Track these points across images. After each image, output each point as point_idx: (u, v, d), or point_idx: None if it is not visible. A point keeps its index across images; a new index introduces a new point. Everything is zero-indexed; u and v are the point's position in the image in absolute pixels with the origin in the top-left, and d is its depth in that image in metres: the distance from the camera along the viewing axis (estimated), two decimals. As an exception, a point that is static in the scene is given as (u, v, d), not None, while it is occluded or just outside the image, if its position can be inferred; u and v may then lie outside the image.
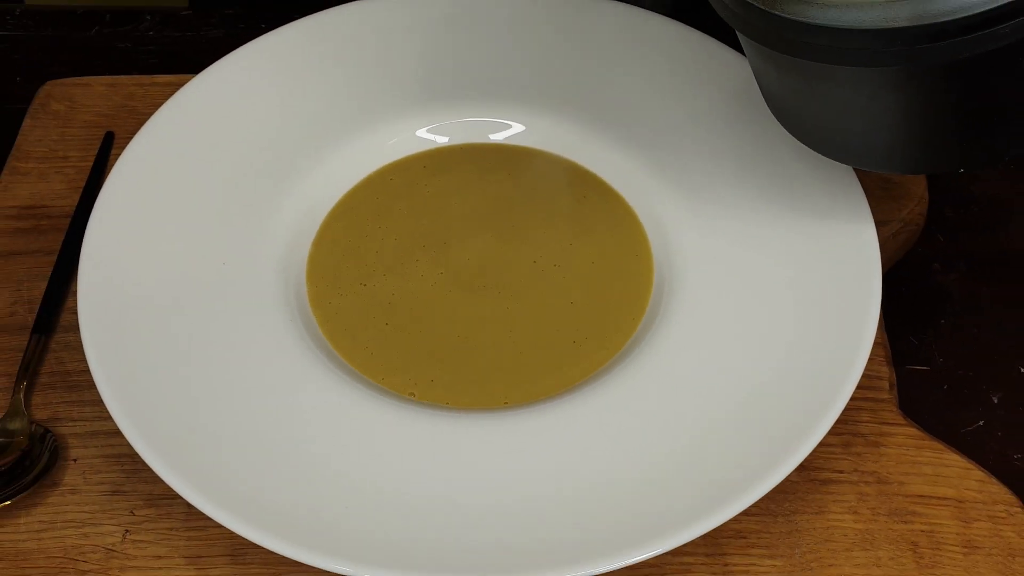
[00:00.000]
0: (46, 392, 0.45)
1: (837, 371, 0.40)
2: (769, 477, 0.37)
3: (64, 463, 0.43)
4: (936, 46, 0.33)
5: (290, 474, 0.38)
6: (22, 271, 0.49)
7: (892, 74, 0.36)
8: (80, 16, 0.62)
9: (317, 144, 0.50)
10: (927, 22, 0.33)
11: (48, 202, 0.52)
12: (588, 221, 0.49)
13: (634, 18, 0.53)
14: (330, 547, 0.36)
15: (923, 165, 0.43)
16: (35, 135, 0.54)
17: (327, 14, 0.54)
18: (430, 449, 0.40)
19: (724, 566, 0.40)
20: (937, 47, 0.33)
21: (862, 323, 0.41)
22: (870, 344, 0.40)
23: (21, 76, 0.59)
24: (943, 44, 0.33)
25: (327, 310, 0.45)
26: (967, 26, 0.33)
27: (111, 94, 0.56)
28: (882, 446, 0.43)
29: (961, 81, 0.36)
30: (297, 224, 0.48)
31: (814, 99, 0.40)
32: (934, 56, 0.34)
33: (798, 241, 0.45)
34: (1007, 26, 0.33)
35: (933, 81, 0.36)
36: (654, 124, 0.50)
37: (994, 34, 0.33)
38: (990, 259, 0.51)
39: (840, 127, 0.41)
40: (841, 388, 0.39)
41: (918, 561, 0.40)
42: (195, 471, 0.37)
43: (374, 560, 0.35)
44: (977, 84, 0.35)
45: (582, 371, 0.43)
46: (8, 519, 0.41)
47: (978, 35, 0.33)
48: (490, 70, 0.53)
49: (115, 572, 0.40)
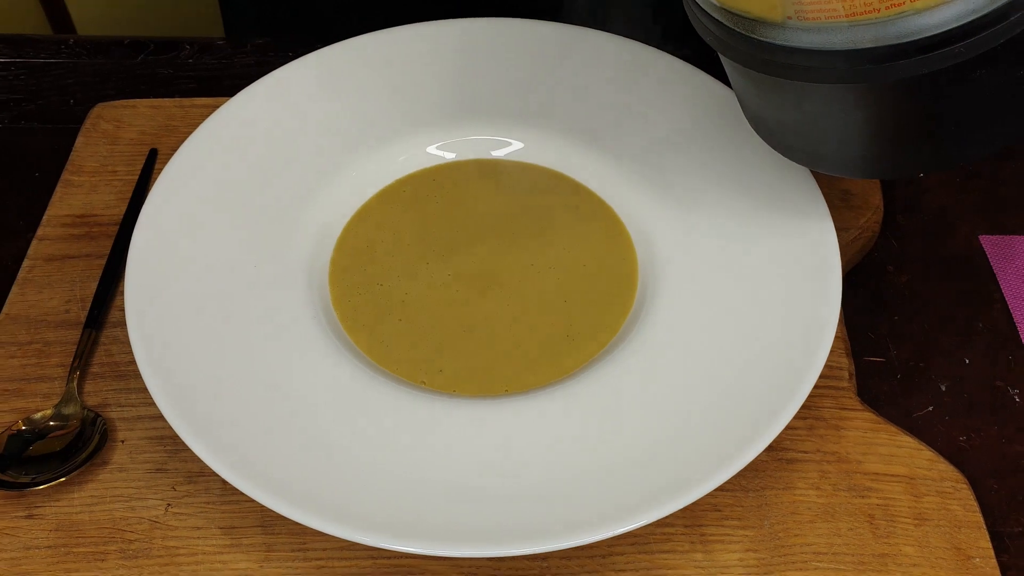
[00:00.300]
0: (96, 381, 0.45)
1: (802, 362, 0.40)
2: (741, 457, 0.37)
3: (113, 444, 0.43)
4: (897, 64, 0.33)
5: (314, 454, 0.38)
6: (75, 273, 0.49)
7: (859, 90, 0.36)
8: (127, 46, 0.62)
9: (338, 160, 0.50)
10: (889, 43, 0.33)
11: (98, 211, 0.52)
12: (580, 228, 0.49)
13: (622, 48, 0.53)
14: (349, 518, 0.36)
15: (887, 170, 0.43)
16: (87, 152, 0.55)
17: (346, 44, 0.54)
18: (439, 431, 0.40)
19: (701, 536, 0.40)
20: (898, 65, 0.34)
21: (824, 319, 0.41)
22: (831, 338, 0.40)
23: (74, 99, 0.59)
24: (903, 62, 0.33)
25: (347, 308, 0.45)
26: (925, 46, 0.33)
27: (154, 115, 0.56)
28: (842, 429, 0.43)
29: (920, 95, 0.36)
30: (320, 231, 0.48)
31: (789, 113, 0.40)
32: (895, 73, 0.34)
33: (768, 247, 0.45)
34: (960, 45, 0.33)
35: (895, 95, 0.36)
36: (639, 143, 0.50)
37: (949, 53, 0.33)
38: (937, 262, 0.51)
39: (812, 138, 0.41)
40: (805, 377, 0.39)
41: (874, 532, 0.40)
42: (229, 451, 0.37)
43: (388, 530, 0.35)
44: (934, 97, 0.36)
45: (574, 362, 0.43)
46: (63, 494, 0.41)
47: (934, 54, 0.33)
48: (492, 94, 0.53)
49: (158, 541, 0.40)
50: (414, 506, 0.37)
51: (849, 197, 0.51)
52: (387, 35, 0.54)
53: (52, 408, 0.43)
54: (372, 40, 0.54)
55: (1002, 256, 0.51)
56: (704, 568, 0.39)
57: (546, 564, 0.39)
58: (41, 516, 0.40)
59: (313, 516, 0.36)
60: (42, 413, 0.43)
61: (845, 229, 0.49)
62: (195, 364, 0.41)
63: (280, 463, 0.38)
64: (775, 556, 0.39)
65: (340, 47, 0.53)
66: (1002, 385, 0.46)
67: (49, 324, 0.47)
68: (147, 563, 0.39)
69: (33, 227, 0.51)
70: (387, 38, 0.54)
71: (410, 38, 0.54)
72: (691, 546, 0.40)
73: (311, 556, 0.39)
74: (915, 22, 0.33)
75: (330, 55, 0.53)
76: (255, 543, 0.40)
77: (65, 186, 0.53)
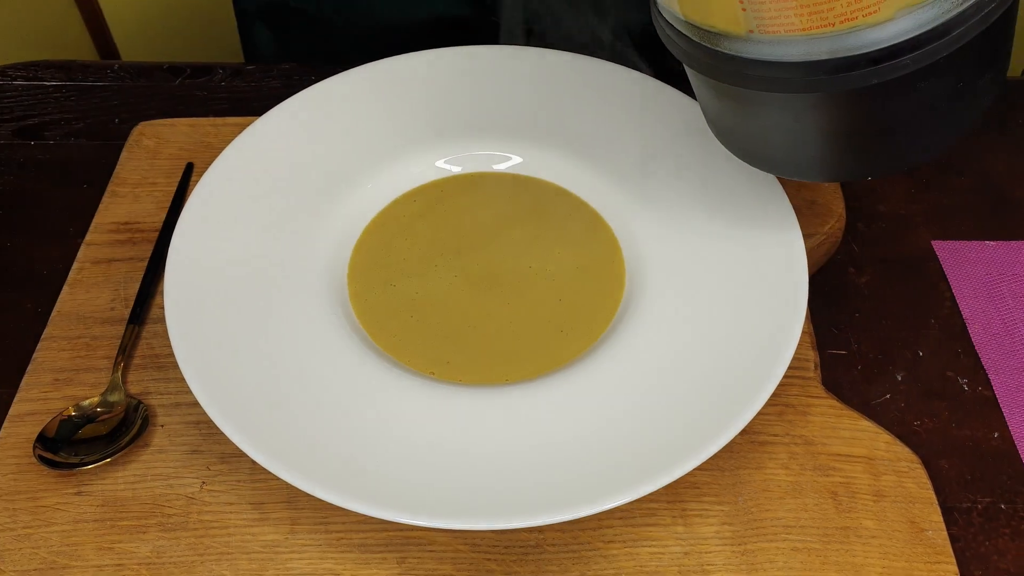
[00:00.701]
0: (139, 371, 0.45)
1: (772, 354, 0.40)
2: (718, 439, 0.37)
3: (153, 428, 0.43)
4: (850, 75, 0.33)
5: (334, 437, 0.38)
6: (120, 274, 0.49)
7: (814, 98, 0.36)
8: (166, 70, 0.62)
9: (355, 172, 0.50)
10: (842, 55, 0.33)
11: (140, 219, 0.52)
12: (572, 234, 0.49)
13: (608, 71, 0.53)
14: (366, 495, 0.36)
15: (840, 173, 0.42)
16: (130, 165, 0.54)
17: (365, 69, 0.53)
18: (445, 417, 0.40)
19: (682, 511, 0.40)
20: (851, 75, 0.33)
21: (792, 316, 0.41)
22: (799, 333, 0.40)
23: (119, 118, 0.59)
24: (855, 73, 0.33)
25: (364, 305, 0.45)
26: (875, 58, 0.33)
27: (191, 132, 0.56)
28: (808, 415, 0.43)
29: (871, 103, 0.35)
30: (339, 236, 0.48)
31: (750, 120, 0.40)
32: (848, 83, 0.34)
33: (742, 251, 0.45)
34: (908, 58, 0.32)
35: (848, 103, 0.36)
36: (625, 156, 0.50)
37: (897, 64, 0.33)
38: (894, 264, 0.51)
39: (770, 143, 0.41)
40: (775, 368, 0.39)
41: (837, 507, 0.40)
42: (258, 434, 0.37)
43: (401, 505, 0.35)
44: (884, 105, 0.35)
45: (568, 354, 0.43)
46: (109, 473, 0.41)
47: (884, 65, 0.33)
48: (494, 114, 0.52)
49: (194, 516, 0.40)
50: (424, 483, 0.37)
51: (815, 206, 0.51)
52: (399, 60, 0.54)
53: (99, 396, 0.43)
54: (386, 66, 0.54)
55: (952, 259, 0.51)
56: (684, 539, 0.39)
57: (542, 536, 0.39)
58: (89, 493, 0.40)
59: (333, 493, 0.35)
60: (90, 400, 0.43)
61: (811, 235, 0.49)
62: (227, 356, 0.41)
63: (304, 445, 0.37)
64: (748, 529, 0.39)
65: (358, 71, 0.53)
66: (952, 375, 0.46)
67: (96, 321, 0.47)
68: (184, 535, 0.39)
69: (82, 233, 0.51)
70: (400, 64, 0.54)
71: (420, 63, 0.54)
72: (673, 520, 0.39)
73: (332, 529, 0.39)
74: (866, 36, 0.32)
75: (349, 78, 0.53)
76: (281, 517, 0.40)
77: (111, 196, 0.53)
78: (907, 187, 0.55)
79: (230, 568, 0.38)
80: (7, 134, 0.58)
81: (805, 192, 0.52)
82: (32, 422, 0.42)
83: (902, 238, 0.53)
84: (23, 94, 0.61)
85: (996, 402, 0.45)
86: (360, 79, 0.53)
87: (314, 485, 0.36)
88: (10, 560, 0.38)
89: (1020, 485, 0.42)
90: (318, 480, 0.36)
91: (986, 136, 0.58)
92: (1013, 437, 0.44)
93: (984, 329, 0.48)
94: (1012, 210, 0.54)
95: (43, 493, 0.40)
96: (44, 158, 0.57)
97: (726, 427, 0.37)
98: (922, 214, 0.54)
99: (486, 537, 0.39)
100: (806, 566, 0.38)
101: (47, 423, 0.42)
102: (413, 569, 0.38)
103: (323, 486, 0.36)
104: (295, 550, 0.39)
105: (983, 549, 0.40)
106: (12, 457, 0.41)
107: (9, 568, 0.38)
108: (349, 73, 0.53)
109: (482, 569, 0.38)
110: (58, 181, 0.55)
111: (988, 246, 0.52)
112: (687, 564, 0.38)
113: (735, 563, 0.38)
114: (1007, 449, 0.43)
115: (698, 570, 0.38)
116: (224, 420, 0.38)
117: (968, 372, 0.46)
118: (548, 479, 0.37)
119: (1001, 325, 0.48)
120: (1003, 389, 0.46)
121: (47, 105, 0.60)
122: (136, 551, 0.38)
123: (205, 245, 0.45)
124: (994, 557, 0.40)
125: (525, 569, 0.38)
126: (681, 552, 0.38)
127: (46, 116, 0.59)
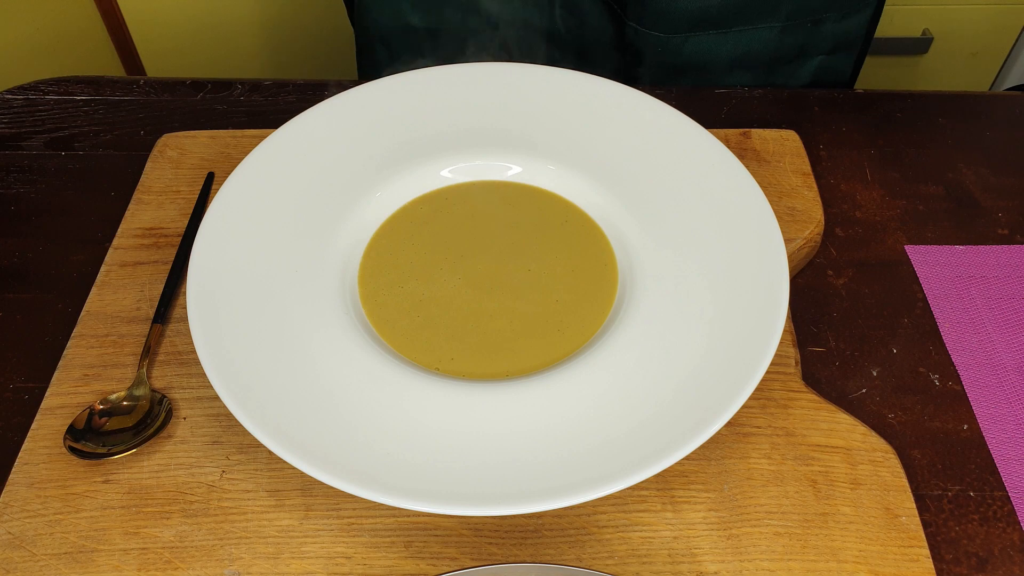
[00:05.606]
0: (163, 367, 0.45)
1: (756, 351, 0.40)
2: (705, 431, 0.37)
3: (176, 420, 0.43)
4: None
5: (346, 429, 0.38)
6: (145, 276, 0.49)
7: None
8: (188, 85, 0.62)
9: (365, 181, 0.50)
10: None
11: (164, 225, 0.52)
12: (568, 239, 0.49)
13: (602, 87, 0.53)
14: (375, 483, 0.35)
15: None
16: (155, 175, 0.54)
17: (374, 85, 0.53)
18: (450, 409, 0.39)
19: (671, 498, 0.40)
20: None
21: (774, 315, 0.41)
22: (780, 331, 0.40)
23: (144, 130, 0.59)
24: None
25: (373, 305, 0.45)
26: None
27: (212, 144, 0.56)
28: (789, 408, 0.43)
29: None
30: (351, 241, 0.48)
31: None
32: None
33: (728, 255, 0.45)
34: None
35: None
36: (619, 167, 0.50)
37: None
38: (869, 267, 0.51)
39: None
40: (759, 364, 0.39)
41: (816, 494, 0.40)
42: (275, 427, 0.37)
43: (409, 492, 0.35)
44: None
45: (565, 351, 0.43)
46: (134, 463, 0.41)
47: None
48: (496, 127, 0.52)
49: (214, 503, 0.40)
50: (430, 472, 0.36)
51: (795, 213, 0.51)
52: (406, 77, 0.54)
53: (125, 390, 0.43)
54: (394, 82, 0.54)
55: (924, 263, 0.51)
56: (673, 525, 0.39)
57: (541, 521, 0.39)
58: (116, 481, 0.40)
59: (345, 482, 0.35)
60: (117, 394, 0.43)
61: (792, 240, 0.49)
62: (246, 353, 0.40)
63: (317, 437, 0.37)
64: (733, 515, 0.39)
65: (368, 87, 0.53)
66: (924, 371, 0.46)
67: (123, 320, 0.47)
68: (205, 520, 0.39)
69: (109, 238, 0.51)
70: (406, 80, 0.54)
71: (426, 81, 0.54)
72: (662, 506, 0.39)
73: (343, 515, 0.39)
74: None
75: (360, 94, 0.53)
76: (296, 504, 0.40)
77: (136, 203, 0.53)
78: (882, 195, 0.55)
79: (248, 551, 0.38)
80: (39, 145, 0.58)
81: (787, 200, 0.52)
82: (63, 415, 0.42)
83: (877, 243, 0.53)
84: (55, 108, 0.61)
85: (965, 396, 0.45)
86: (370, 95, 0.53)
87: (327, 474, 0.36)
88: (42, 544, 0.38)
89: (988, 474, 0.42)
90: (331, 469, 0.36)
91: (956, 148, 0.58)
92: (981, 429, 0.44)
93: (954, 328, 0.48)
94: (980, 217, 0.54)
95: (73, 481, 0.40)
96: (74, 168, 0.57)
97: (712, 419, 0.37)
98: (896, 220, 0.54)
99: (488, 522, 0.39)
100: (787, 549, 0.38)
101: (77, 416, 0.42)
102: (420, 552, 0.38)
103: (335, 475, 0.36)
104: (309, 535, 0.39)
105: (953, 534, 0.40)
106: (44, 448, 0.41)
107: (41, 552, 0.38)
108: (360, 88, 0.53)
109: (484, 552, 0.38)
110: (87, 189, 0.55)
111: (958, 250, 0.52)
112: (676, 548, 0.38)
113: (721, 547, 0.38)
114: (975, 440, 0.43)
115: (686, 553, 0.38)
116: (242, 413, 0.38)
117: (939, 368, 0.46)
118: (546, 468, 0.37)
119: (969, 324, 0.48)
120: (972, 384, 0.46)
121: (77, 118, 0.60)
122: (160, 535, 0.38)
123: (225, 249, 0.45)
124: (964, 541, 0.40)
125: (524, 552, 0.38)
126: (671, 536, 0.38)
127: (76, 128, 0.59)
